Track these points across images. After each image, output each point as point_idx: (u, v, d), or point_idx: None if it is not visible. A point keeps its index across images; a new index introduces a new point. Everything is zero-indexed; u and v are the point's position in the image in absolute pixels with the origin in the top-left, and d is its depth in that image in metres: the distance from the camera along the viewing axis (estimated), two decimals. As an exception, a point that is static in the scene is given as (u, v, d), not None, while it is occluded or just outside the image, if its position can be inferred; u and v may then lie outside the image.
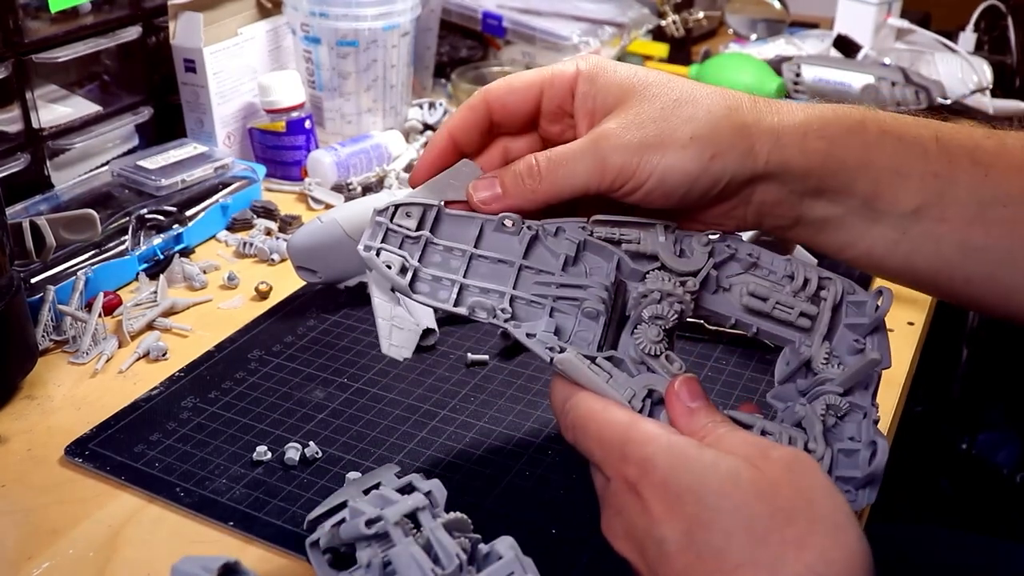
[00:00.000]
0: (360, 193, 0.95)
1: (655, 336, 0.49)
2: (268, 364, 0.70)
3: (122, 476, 0.58)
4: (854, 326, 0.51)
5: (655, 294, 0.49)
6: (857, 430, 0.49)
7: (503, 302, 0.50)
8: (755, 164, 0.49)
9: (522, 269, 0.51)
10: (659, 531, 0.41)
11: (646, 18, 1.36)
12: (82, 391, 0.67)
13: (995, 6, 1.33)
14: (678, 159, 0.48)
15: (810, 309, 0.51)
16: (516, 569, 0.46)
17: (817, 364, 0.50)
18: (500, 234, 0.52)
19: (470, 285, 0.51)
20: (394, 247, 0.51)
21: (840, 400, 0.49)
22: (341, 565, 0.49)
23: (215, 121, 0.98)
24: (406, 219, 0.52)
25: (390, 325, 0.51)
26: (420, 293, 0.51)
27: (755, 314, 0.52)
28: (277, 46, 1.04)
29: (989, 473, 1.44)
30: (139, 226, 0.83)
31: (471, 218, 0.52)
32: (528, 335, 0.49)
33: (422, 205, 0.52)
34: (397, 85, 1.06)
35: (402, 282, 0.50)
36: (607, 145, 0.48)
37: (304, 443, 0.61)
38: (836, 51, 1.30)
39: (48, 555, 0.53)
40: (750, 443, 0.43)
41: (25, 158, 0.86)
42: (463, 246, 0.52)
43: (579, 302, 0.50)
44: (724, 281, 0.52)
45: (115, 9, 0.93)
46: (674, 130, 0.48)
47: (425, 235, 0.52)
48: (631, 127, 0.49)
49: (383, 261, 0.51)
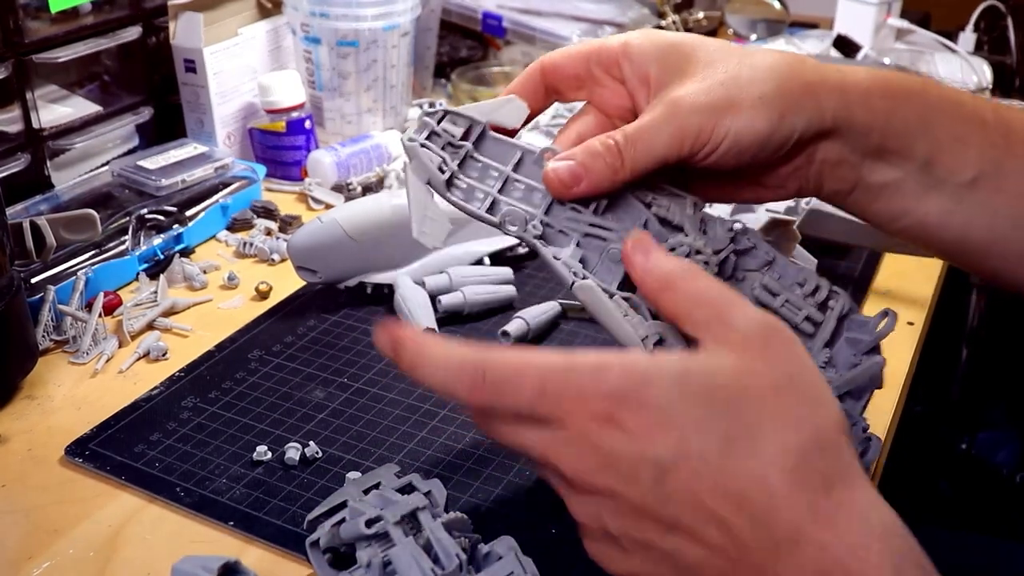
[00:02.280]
0: (360, 193, 0.95)
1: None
2: (268, 364, 0.70)
3: (122, 476, 0.58)
4: (854, 341, 0.51)
5: (684, 248, 0.50)
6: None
7: (535, 219, 0.51)
8: (822, 119, 0.49)
9: (555, 202, 0.51)
10: (652, 451, 0.38)
11: (646, 18, 1.36)
12: (82, 391, 0.67)
13: (995, 6, 1.33)
14: (750, 120, 0.48)
15: (816, 315, 0.51)
16: (516, 569, 0.46)
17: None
18: (538, 167, 0.52)
19: (502, 200, 0.51)
20: (436, 147, 0.52)
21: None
22: (341, 565, 0.49)
23: (215, 121, 0.98)
24: (452, 126, 0.52)
25: (423, 214, 0.52)
26: (455, 195, 0.51)
27: (763, 307, 0.52)
28: (277, 46, 1.04)
29: (989, 473, 1.44)
30: (139, 226, 0.83)
31: (514, 145, 0.53)
32: (555, 257, 0.50)
33: (469, 119, 0.53)
34: (397, 85, 1.06)
35: (441, 177, 0.51)
36: (681, 112, 0.49)
37: (304, 443, 0.61)
38: (836, 51, 1.30)
39: (48, 555, 0.53)
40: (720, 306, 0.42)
41: (25, 158, 0.87)
42: (502, 167, 0.52)
43: (606, 243, 0.50)
44: (740, 271, 0.52)
45: (115, 9, 0.94)
46: (742, 92, 0.49)
47: (467, 147, 0.52)
48: (700, 92, 0.49)
49: (426, 156, 0.51)
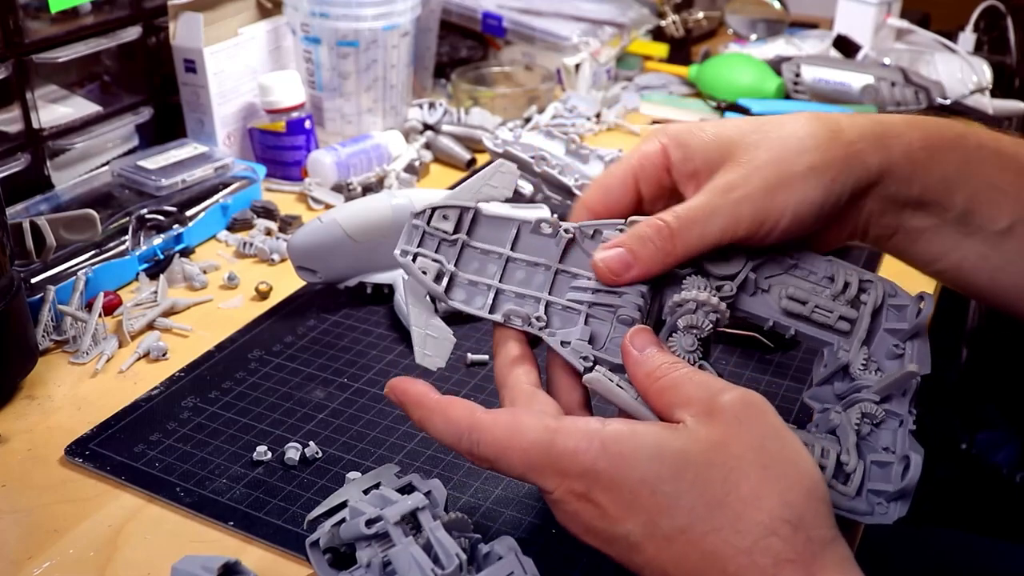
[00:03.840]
0: (360, 193, 0.95)
1: (689, 345, 0.48)
2: (268, 364, 0.70)
3: (122, 476, 0.58)
4: (894, 331, 0.51)
5: (690, 304, 0.49)
6: (892, 439, 0.48)
7: (539, 309, 0.50)
8: (868, 175, 0.50)
9: (558, 273, 0.51)
10: (622, 528, 0.42)
11: (646, 18, 1.36)
12: (82, 391, 0.67)
13: (995, 6, 1.33)
14: (804, 193, 0.49)
15: (850, 313, 0.51)
16: (516, 569, 0.46)
17: (855, 369, 0.50)
18: (537, 236, 0.52)
19: (506, 290, 0.51)
20: (430, 251, 0.51)
21: (876, 408, 0.48)
22: (341, 565, 0.49)
23: (215, 121, 0.98)
24: (443, 222, 0.51)
25: (424, 334, 0.51)
26: (456, 299, 0.50)
27: (794, 317, 0.51)
28: (277, 46, 1.04)
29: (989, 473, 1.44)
30: (139, 226, 0.83)
31: (508, 220, 0.52)
32: (563, 343, 0.49)
33: (459, 207, 0.52)
34: (397, 85, 1.06)
35: (439, 289, 0.50)
36: (734, 197, 0.49)
37: (304, 443, 0.61)
38: (836, 51, 1.30)
39: (49, 555, 0.53)
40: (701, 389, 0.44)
41: (25, 158, 0.87)
42: (499, 249, 0.51)
43: (615, 309, 0.49)
44: (763, 282, 0.51)
45: (115, 9, 0.94)
46: (791, 166, 0.49)
47: (462, 238, 0.51)
48: (750, 175, 0.49)
49: (419, 267, 0.50)
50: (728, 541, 0.40)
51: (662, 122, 1.18)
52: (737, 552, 0.40)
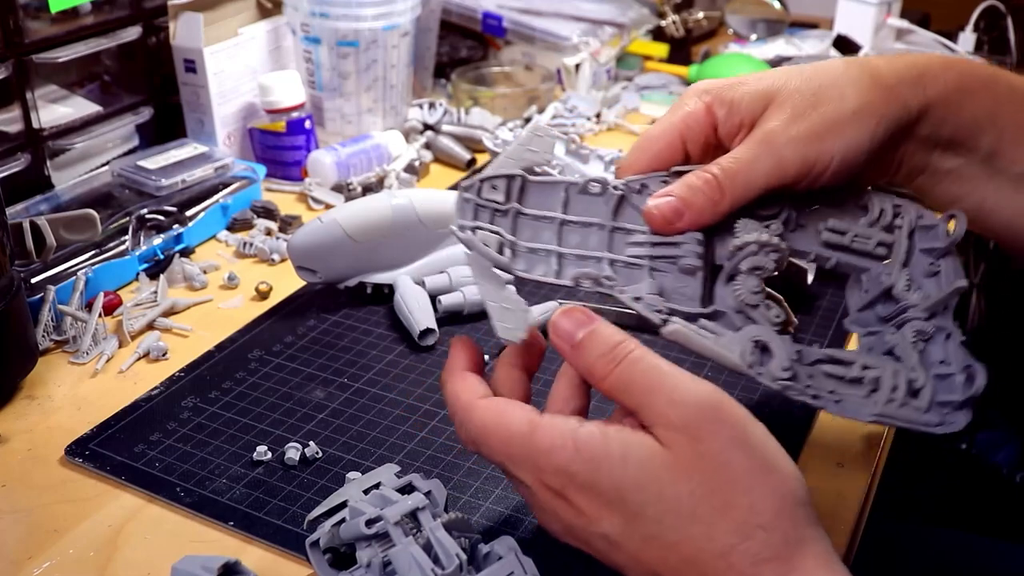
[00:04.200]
0: (360, 193, 0.95)
1: (755, 286, 0.50)
2: (268, 364, 0.70)
3: (122, 476, 0.58)
4: (928, 250, 0.53)
5: (752, 246, 0.50)
6: (944, 351, 0.51)
7: (604, 268, 0.50)
8: (909, 114, 0.51)
9: (614, 231, 0.51)
10: (599, 528, 0.43)
11: (646, 18, 1.36)
12: (82, 391, 0.67)
13: (995, 6, 1.33)
14: (852, 137, 0.50)
15: (886, 238, 0.53)
16: (516, 569, 0.46)
17: (899, 291, 0.52)
18: (585, 196, 0.52)
19: (567, 254, 0.51)
20: (486, 223, 0.50)
21: (927, 324, 0.51)
22: (341, 565, 0.49)
23: (215, 121, 0.98)
24: (493, 192, 0.51)
25: (500, 307, 0.50)
26: (519, 268, 0.50)
27: (834, 248, 0.53)
28: (277, 46, 1.04)
29: (989, 473, 1.44)
30: (139, 226, 0.83)
31: (555, 183, 0.52)
32: (635, 299, 0.49)
33: (506, 176, 0.51)
34: (397, 85, 1.06)
35: (505, 261, 0.50)
36: (779, 143, 0.50)
37: (304, 443, 0.61)
38: (836, 51, 1.30)
39: (49, 555, 0.53)
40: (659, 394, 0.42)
41: (25, 158, 0.86)
42: (553, 213, 0.51)
43: (675, 259, 0.50)
44: (802, 219, 0.53)
45: (115, 9, 0.94)
46: (836, 111, 0.50)
47: (514, 207, 0.51)
48: (794, 121, 0.50)
49: (481, 239, 0.50)
50: (702, 548, 0.41)
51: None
52: (713, 557, 0.41)
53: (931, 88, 0.52)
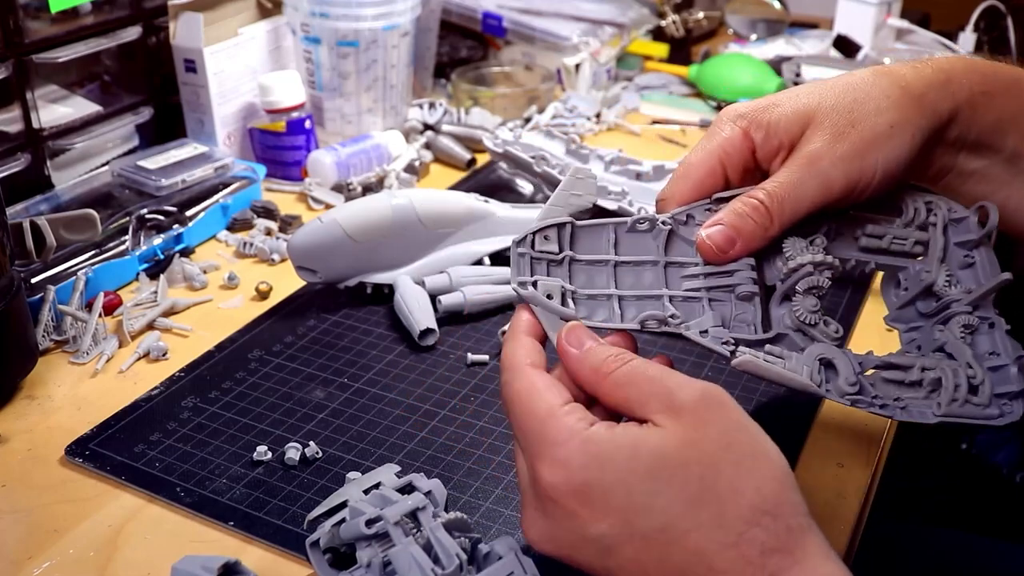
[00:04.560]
0: (360, 193, 0.95)
1: (812, 306, 0.51)
2: (268, 364, 0.70)
3: (122, 476, 0.58)
4: (962, 243, 0.54)
5: (807, 267, 0.51)
6: (992, 342, 0.51)
7: (665, 306, 0.51)
8: (940, 120, 0.52)
9: (667, 267, 0.52)
10: (593, 531, 0.42)
11: (646, 18, 1.36)
12: (82, 391, 0.67)
13: (995, 6, 1.33)
14: (892, 149, 0.51)
15: (922, 236, 0.54)
16: (516, 569, 0.46)
17: (940, 287, 0.53)
18: (634, 234, 0.52)
19: (626, 295, 0.51)
20: (543, 275, 0.51)
21: (972, 318, 0.51)
22: (341, 565, 0.49)
23: (215, 121, 0.98)
24: (546, 243, 0.51)
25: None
26: (581, 316, 0.50)
27: (873, 252, 0.54)
28: (277, 46, 1.04)
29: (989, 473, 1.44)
30: (139, 226, 0.83)
31: (603, 225, 0.52)
32: (702, 333, 0.50)
33: (555, 225, 0.51)
34: (397, 85, 1.06)
35: (571, 312, 0.49)
36: (824, 163, 0.51)
37: (304, 443, 0.61)
38: (836, 51, 1.30)
39: (49, 555, 0.53)
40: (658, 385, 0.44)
41: (25, 158, 0.87)
42: (606, 256, 0.52)
43: (732, 288, 0.51)
44: (839, 227, 0.54)
45: (115, 9, 0.94)
46: (874, 127, 0.51)
47: (568, 255, 0.51)
48: (834, 140, 0.51)
49: (544, 293, 0.49)
50: (712, 537, 0.40)
51: (662, 122, 1.18)
52: (722, 547, 0.40)
53: (958, 92, 0.53)
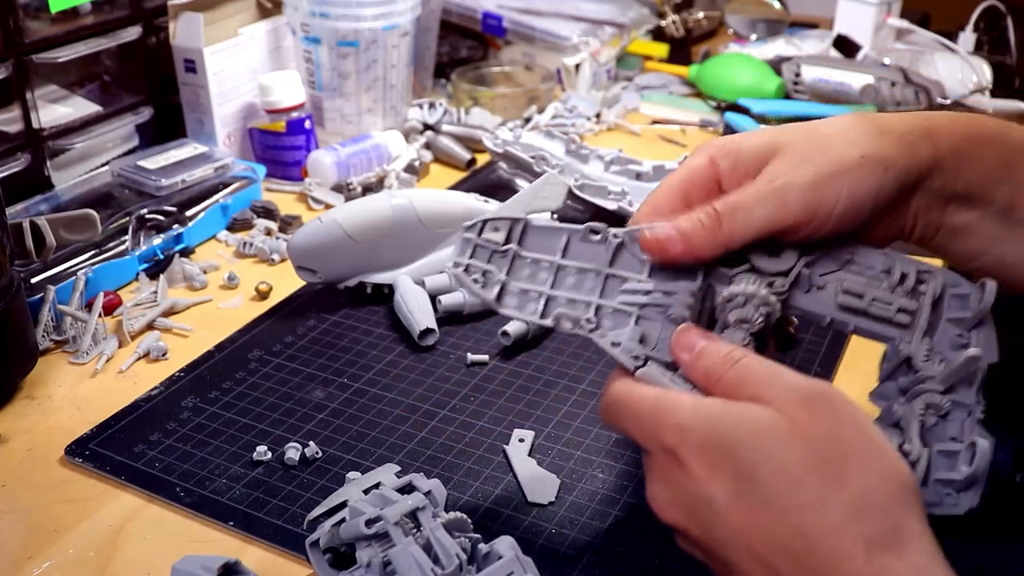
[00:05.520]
0: (360, 193, 0.95)
1: (741, 340, 0.48)
2: (268, 364, 0.70)
3: (122, 476, 0.58)
4: (957, 320, 0.50)
5: (739, 298, 0.49)
6: (960, 429, 0.48)
7: (588, 312, 0.51)
8: (919, 164, 0.50)
9: (608, 277, 0.52)
10: (706, 491, 0.42)
11: (646, 18, 1.36)
12: (82, 391, 0.67)
13: (995, 6, 1.33)
14: (860, 180, 0.49)
15: (909, 304, 0.50)
16: (516, 569, 0.46)
17: (918, 361, 0.49)
18: (587, 244, 0.52)
19: (557, 296, 0.51)
20: (482, 261, 0.52)
21: (942, 399, 0.48)
22: (341, 565, 0.49)
23: (215, 121, 0.98)
24: (494, 233, 0.52)
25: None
26: (507, 307, 0.52)
27: (851, 312, 0.50)
28: (277, 46, 1.04)
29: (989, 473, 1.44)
30: (139, 226, 0.83)
31: (558, 229, 0.53)
32: (613, 344, 0.49)
33: (509, 219, 0.53)
34: (397, 85, 1.06)
35: (490, 297, 0.51)
36: (783, 185, 0.49)
37: (304, 443, 0.61)
38: (836, 51, 1.30)
39: (49, 555, 0.53)
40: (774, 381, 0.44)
41: (25, 158, 0.87)
42: (550, 257, 0.52)
43: (665, 308, 0.50)
44: (817, 279, 0.51)
45: (115, 9, 0.94)
46: (842, 156, 0.49)
47: (513, 248, 0.52)
48: (798, 165, 0.50)
49: (471, 277, 0.51)
50: (811, 521, 0.40)
51: (662, 122, 1.18)
52: (823, 533, 0.40)
53: (941, 141, 0.51)
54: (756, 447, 0.41)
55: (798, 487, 0.40)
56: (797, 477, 0.41)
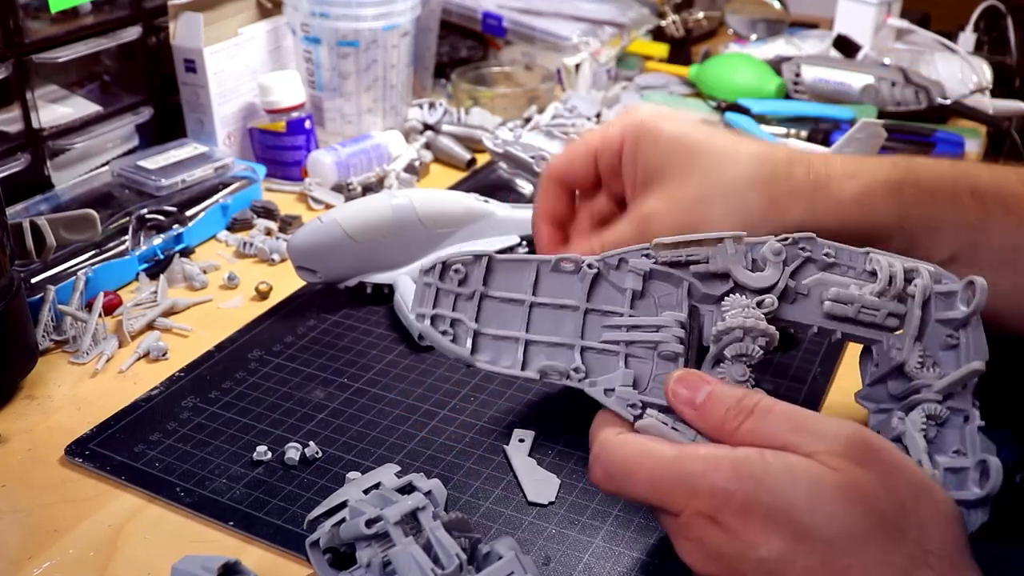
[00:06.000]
0: (360, 193, 0.95)
1: (740, 374, 0.47)
2: (268, 364, 0.70)
3: (122, 476, 0.58)
4: (946, 320, 0.48)
5: (737, 331, 0.46)
6: (960, 438, 0.46)
7: (574, 358, 0.47)
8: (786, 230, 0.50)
9: (588, 313, 0.48)
10: (757, 553, 0.40)
11: (646, 18, 1.36)
12: (82, 391, 0.67)
13: (995, 6, 1.33)
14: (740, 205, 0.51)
15: (898, 308, 0.48)
16: (516, 569, 0.46)
17: (911, 368, 0.48)
18: (558, 275, 0.49)
19: (536, 340, 0.48)
20: (447, 309, 0.48)
21: (940, 408, 0.46)
22: (341, 565, 0.49)
23: (215, 121, 0.98)
24: (456, 275, 0.48)
25: (532, 478, 0.52)
26: (483, 359, 0.48)
27: (838, 319, 0.49)
28: (277, 46, 1.04)
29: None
30: (139, 226, 0.83)
31: (525, 261, 0.49)
32: (607, 392, 0.46)
33: (471, 255, 0.49)
34: (397, 85, 1.06)
35: (465, 353, 0.47)
36: (652, 229, 0.51)
37: (304, 443, 0.61)
38: (836, 51, 1.30)
39: (49, 555, 0.53)
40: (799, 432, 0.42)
41: (25, 158, 0.87)
42: (521, 295, 0.48)
43: (655, 344, 0.47)
44: (801, 287, 0.49)
45: (115, 9, 0.94)
46: (712, 213, 0.51)
47: (479, 290, 0.48)
48: (673, 210, 0.52)
49: (440, 330, 0.47)
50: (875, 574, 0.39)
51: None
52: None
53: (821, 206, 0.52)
54: (814, 508, 0.40)
55: (862, 545, 0.39)
56: (860, 535, 0.39)
